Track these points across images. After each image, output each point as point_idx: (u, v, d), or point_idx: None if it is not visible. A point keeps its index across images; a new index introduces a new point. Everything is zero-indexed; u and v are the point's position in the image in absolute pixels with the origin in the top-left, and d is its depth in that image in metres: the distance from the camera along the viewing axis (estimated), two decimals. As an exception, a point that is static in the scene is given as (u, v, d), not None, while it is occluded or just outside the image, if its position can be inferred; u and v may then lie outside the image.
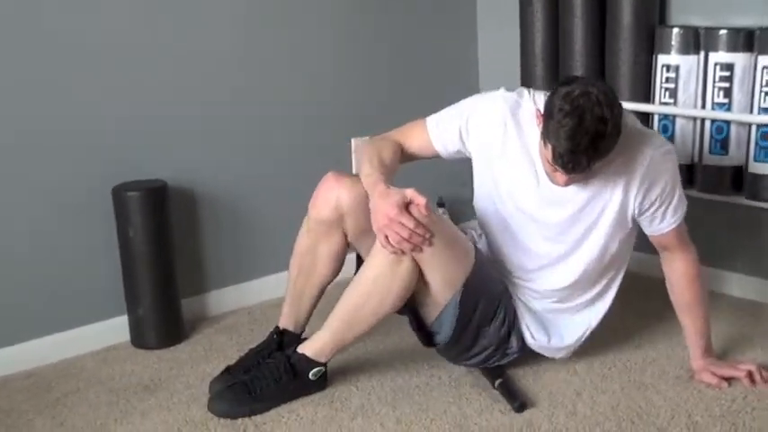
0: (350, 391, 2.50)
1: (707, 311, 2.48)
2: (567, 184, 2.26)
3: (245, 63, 3.08)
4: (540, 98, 2.37)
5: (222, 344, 2.86)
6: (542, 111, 2.22)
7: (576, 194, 2.35)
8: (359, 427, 2.32)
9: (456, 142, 2.45)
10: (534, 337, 2.49)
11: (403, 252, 2.24)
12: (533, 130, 2.33)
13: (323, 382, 2.47)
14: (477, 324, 2.42)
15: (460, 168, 2.61)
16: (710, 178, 2.92)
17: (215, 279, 3.11)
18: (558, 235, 2.41)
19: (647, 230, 2.43)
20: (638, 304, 2.96)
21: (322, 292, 2.56)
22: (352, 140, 2.49)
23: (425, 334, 2.49)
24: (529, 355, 2.53)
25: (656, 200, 2.34)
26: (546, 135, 2.18)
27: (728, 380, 2.44)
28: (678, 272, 2.46)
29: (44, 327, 2.77)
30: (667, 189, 2.34)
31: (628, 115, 2.34)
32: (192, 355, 2.80)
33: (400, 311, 2.44)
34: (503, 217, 2.44)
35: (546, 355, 2.54)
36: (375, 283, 2.30)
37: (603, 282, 2.51)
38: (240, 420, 2.35)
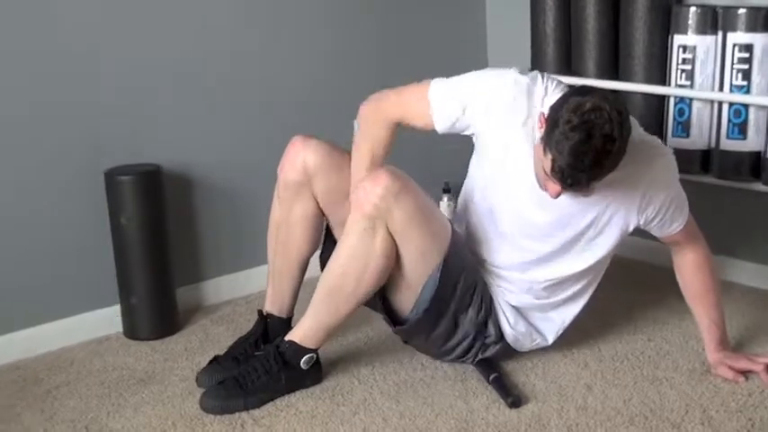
0: (351, 384, 2.51)
1: (720, 301, 2.50)
2: (557, 196, 2.23)
3: (243, 41, 3.08)
4: (552, 87, 2.34)
5: (219, 335, 2.87)
6: (546, 114, 2.19)
7: (570, 203, 2.34)
8: (361, 421, 2.33)
9: (458, 125, 2.42)
10: (513, 326, 2.50)
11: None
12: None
13: (317, 373, 2.49)
14: (454, 310, 2.43)
15: (466, 153, 2.62)
16: (728, 164, 2.92)
17: (211, 267, 3.13)
18: (543, 236, 2.42)
19: (657, 234, 2.47)
20: (650, 295, 2.97)
21: (303, 268, 2.59)
22: (355, 123, 2.51)
23: (393, 315, 2.49)
24: (512, 352, 2.55)
25: (660, 208, 2.37)
26: (547, 144, 2.14)
27: (746, 373, 2.45)
28: (689, 262, 2.49)
29: (33, 317, 2.78)
30: (672, 195, 2.38)
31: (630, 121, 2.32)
32: (188, 347, 2.81)
33: (371, 305, 2.46)
34: (490, 204, 2.45)
35: (524, 348, 2.55)
36: (351, 261, 2.31)
37: (584, 281, 2.52)
38: (237, 415, 2.36)
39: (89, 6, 2.76)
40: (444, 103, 2.40)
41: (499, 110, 2.36)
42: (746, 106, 2.84)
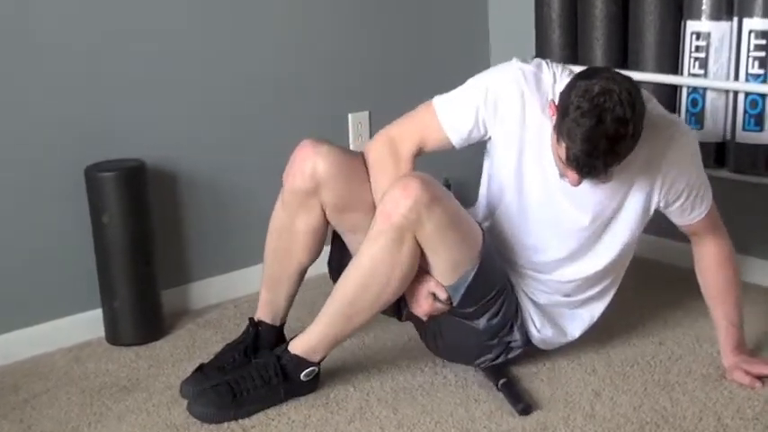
0: (347, 391, 2.51)
1: (741, 301, 2.51)
2: (578, 183, 2.26)
3: (234, 35, 3.08)
4: (559, 72, 2.37)
5: (206, 340, 2.87)
6: (557, 102, 2.22)
7: (596, 191, 2.36)
8: (356, 430, 2.33)
9: (474, 132, 2.42)
10: (539, 330, 2.52)
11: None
12: None
13: (314, 383, 2.49)
14: (471, 314, 2.44)
15: (468, 148, 2.62)
16: (744, 157, 2.92)
17: (198, 269, 3.13)
18: (577, 231, 2.43)
19: (678, 221, 2.48)
20: (662, 296, 2.98)
21: (301, 277, 2.58)
22: (365, 147, 2.49)
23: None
24: (535, 351, 2.56)
25: (683, 191, 2.39)
26: (560, 132, 2.17)
27: (762, 379, 2.45)
28: (711, 256, 2.50)
29: (9, 321, 2.78)
30: (693, 178, 2.40)
31: (649, 99, 2.34)
32: (173, 353, 2.81)
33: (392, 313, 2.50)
34: (521, 206, 2.45)
35: (551, 347, 2.58)
36: (373, 272, 2.31)
37: (612, 276, 2.55)
38: (226, 424, 2.36)
39: (67, 0, 2.76)
40: (455, 116, 2.41)
41: (512, 106, 2.37)
42: (763, 96, 2.84)
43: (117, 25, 2.85)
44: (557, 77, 2.37)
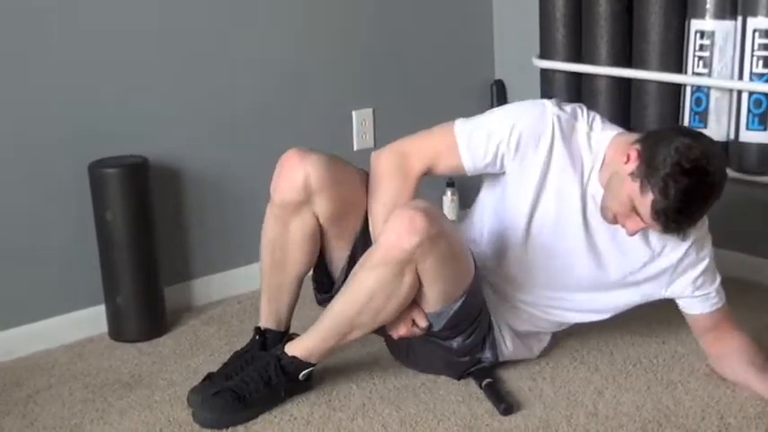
0: (349, 389, 2.52)
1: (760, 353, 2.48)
2: (634, 233, 2.28)
3: (239, 25, 3.09)
4: (598, 124, 2.37)
5: (209, 336, 2.88)
6: (639, 150, 2.21)
7: (633, 249, 2.40)
8: (359, 428, 2.34)
9: (490, 167, 2.40)
10: (508, 346, 2.54)
11: None
12: (587, 162, 2.34)
13: (311, 382, 2.50)
14: (447, 336, 2.46)
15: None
16: (747, 156, 2.92)
17: (201, 265, 3.13)
18: (593, 288, 2.49)
19: (699, 310, 2.48)
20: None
21: (300, 283, 2.57)
22: (373, 155, 2.46)
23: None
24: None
25: (705, 271, 2.43)
26: (649, 184, 2.16)
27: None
28: (736, 349, 2.46)
29: (13, 318, 2.79)
30: (712, 262, 2.45)
31: None
32: (176, 349, 2.82)
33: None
34: (523, 247, 2.45)
35: (510, 359, 2.59)
36: (372, 299, 2.32)
37: None
38: (231, 423, 2.38)
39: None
40: (475, 146, 2.38)
41: (537, 152, 2.35)
42: (767, 95, 2.84)
43: (119, 24, 2.86)
44: (594, 127, 2.37)
